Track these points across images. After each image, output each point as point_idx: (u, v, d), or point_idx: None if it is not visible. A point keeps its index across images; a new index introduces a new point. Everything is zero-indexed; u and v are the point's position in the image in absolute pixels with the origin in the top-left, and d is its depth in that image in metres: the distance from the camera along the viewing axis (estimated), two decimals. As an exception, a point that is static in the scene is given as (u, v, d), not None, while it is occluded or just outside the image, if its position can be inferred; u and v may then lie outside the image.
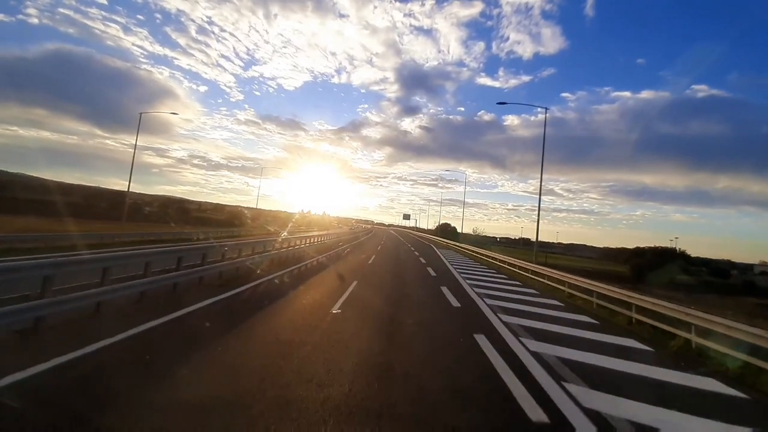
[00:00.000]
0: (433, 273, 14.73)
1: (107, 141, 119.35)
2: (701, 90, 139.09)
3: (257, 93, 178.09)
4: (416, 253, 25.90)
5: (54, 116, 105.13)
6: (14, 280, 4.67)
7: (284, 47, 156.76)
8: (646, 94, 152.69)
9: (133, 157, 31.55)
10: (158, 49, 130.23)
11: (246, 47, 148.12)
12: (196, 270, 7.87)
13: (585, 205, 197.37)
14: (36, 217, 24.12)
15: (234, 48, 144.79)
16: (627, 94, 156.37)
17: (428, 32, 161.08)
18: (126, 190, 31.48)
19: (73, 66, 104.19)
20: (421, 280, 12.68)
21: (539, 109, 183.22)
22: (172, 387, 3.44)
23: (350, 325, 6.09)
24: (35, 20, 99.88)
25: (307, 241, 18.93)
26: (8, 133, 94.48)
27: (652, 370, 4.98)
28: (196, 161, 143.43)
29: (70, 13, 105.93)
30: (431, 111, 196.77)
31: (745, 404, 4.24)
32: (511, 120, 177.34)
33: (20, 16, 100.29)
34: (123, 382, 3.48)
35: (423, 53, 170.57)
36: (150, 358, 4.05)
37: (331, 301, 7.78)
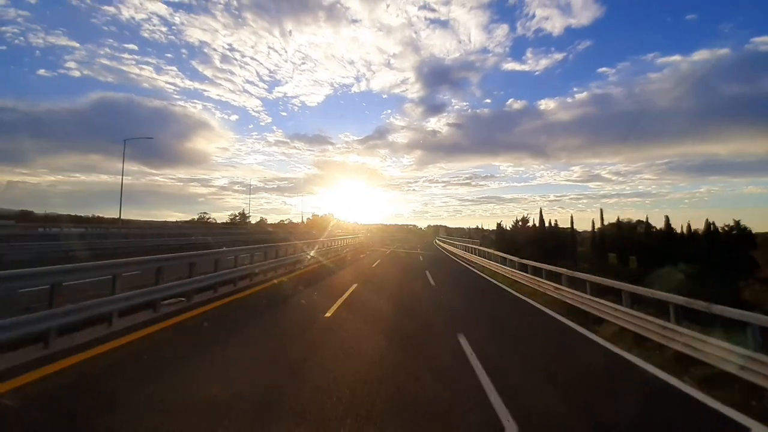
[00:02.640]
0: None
1: (156, 177, 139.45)
2: (764, 42, 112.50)
3: (283, 113, 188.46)
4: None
5: (107, 160, 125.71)
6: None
7: (303, 63, 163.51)
8: (700, 55, 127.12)
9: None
10: (188, 83, 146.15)
11: (267, 69, 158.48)
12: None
13: (640, 187, 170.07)
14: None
15: (257, 72, 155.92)
16: (677, 57, 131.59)
17: (445, 23, 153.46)
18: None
19: (117, 111, 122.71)
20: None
21: (575, 89, 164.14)
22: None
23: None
24: (76, 72, 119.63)
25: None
26: (73, 180, 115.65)
27: None
28: (236, 187, 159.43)
29: (106, 61, 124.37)
30: (456, 107, 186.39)
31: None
32: (546, 104, 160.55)
33: (61, 71, 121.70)
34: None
35: (442, 46, 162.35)
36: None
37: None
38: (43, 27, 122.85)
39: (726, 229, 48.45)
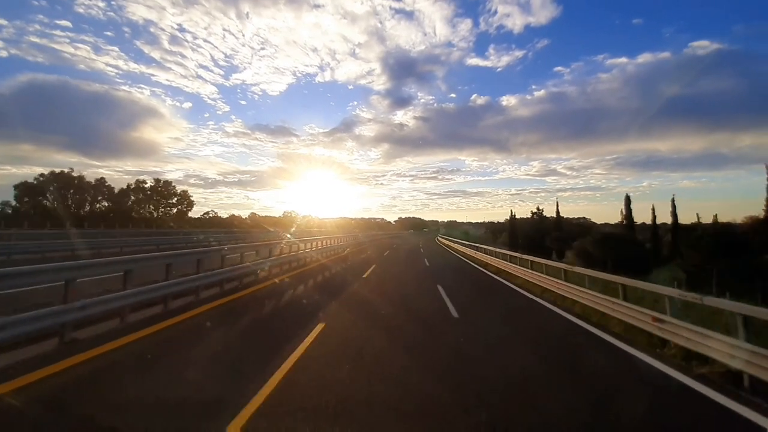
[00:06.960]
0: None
1: (100, 170, 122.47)
2: (701, 46, 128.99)
3: (242, 102, 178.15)
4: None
5: (41, 150, 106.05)
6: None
7: (262, 48, 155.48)
8: (644, 58, 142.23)
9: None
10: (133, 66, 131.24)
11: (223, 53, 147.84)
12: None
13: (591, 181, 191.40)
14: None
15: (211, 56, 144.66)
16: (623, 59, 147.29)
17: (411, 14, 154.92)
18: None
19: (50, 95, 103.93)
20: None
21: (534, 86, 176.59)
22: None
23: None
24: (3, 53, 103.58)
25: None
26: (2, 173, 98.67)
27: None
28: (192, 180, 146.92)
29: (36, 39, 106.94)
30: (422, 101, 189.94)
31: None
32: (507, 100, 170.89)
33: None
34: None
35: (408, 38, 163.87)
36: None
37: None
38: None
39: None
